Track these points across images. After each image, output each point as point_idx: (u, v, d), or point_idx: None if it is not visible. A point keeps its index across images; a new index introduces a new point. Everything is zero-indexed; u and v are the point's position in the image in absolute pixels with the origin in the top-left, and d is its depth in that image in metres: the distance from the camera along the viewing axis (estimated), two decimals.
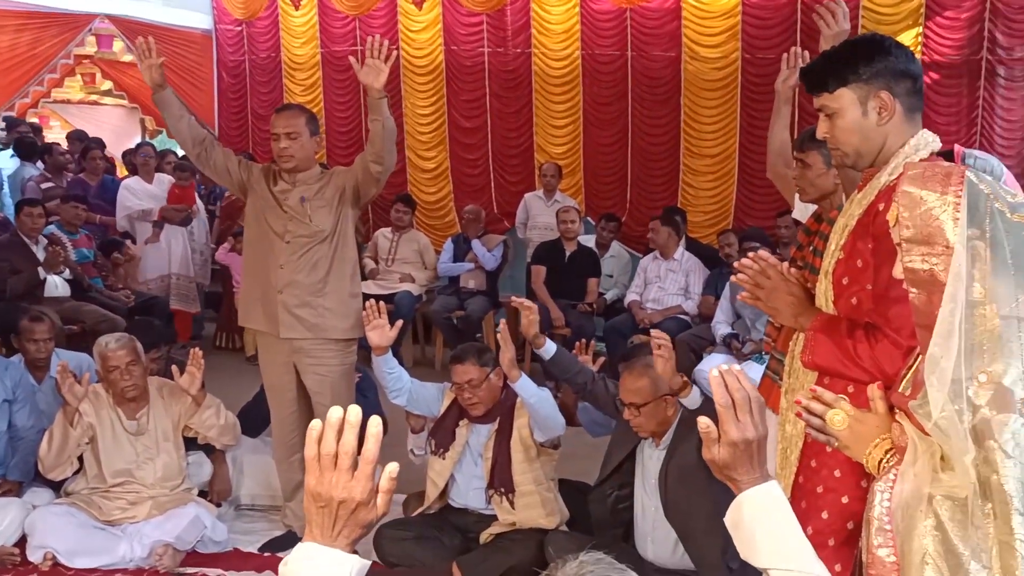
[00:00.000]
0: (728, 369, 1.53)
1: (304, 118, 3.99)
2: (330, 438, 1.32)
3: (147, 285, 7.59)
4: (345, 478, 1.31)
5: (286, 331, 4.02)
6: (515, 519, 3.83)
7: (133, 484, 4.13)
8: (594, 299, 7.06)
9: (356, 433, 1.32)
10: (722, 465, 1.54)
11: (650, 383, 3.47)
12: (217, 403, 4.29)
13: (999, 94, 7.71)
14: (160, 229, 7.73)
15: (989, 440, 1.48)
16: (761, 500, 1.53)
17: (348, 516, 1.33)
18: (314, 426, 1.33)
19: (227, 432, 4.31)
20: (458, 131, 9.31)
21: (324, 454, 1.32)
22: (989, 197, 1.56)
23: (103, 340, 4.14)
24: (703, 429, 1.54)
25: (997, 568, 1.45)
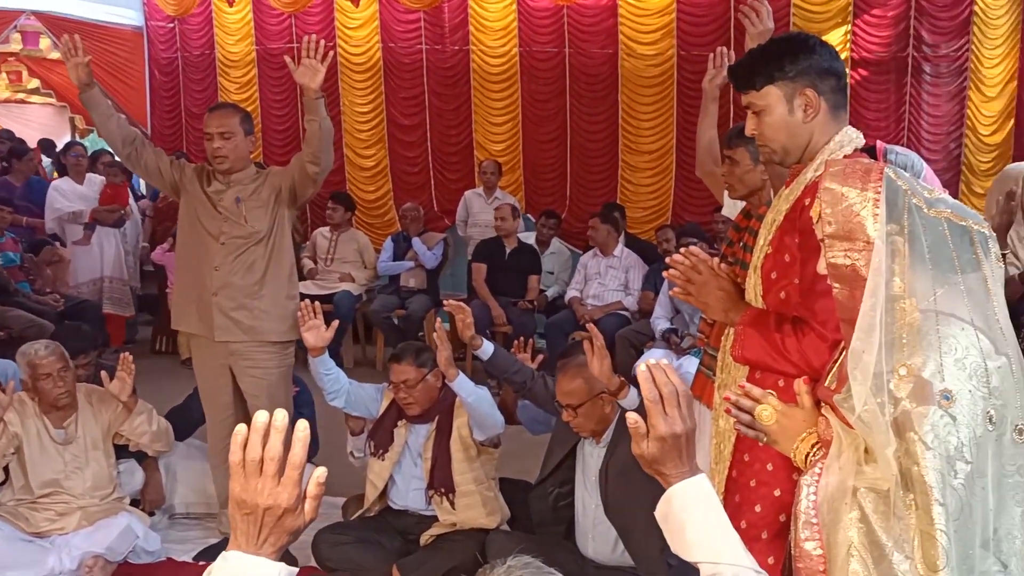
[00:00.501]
0: (656, 363, 1.54)
1: (238, 117, 3.93)
2: (255, 443, 1.29)
3: (79, 289, 7.39)
4: (271, 484, 1.28)
5: (221, 334, 3.96)
6: (455, 519, 3.81)
7: (62, 494, 4.01)
8: (535, 296, 7.08)
9: (282, 438, 1.29)
10: (651, 460, 1.55)
11: (584, 383, 3.47)
12: (149, 409, 4.19)
13: (925, 90, 7.95)
14: (92, 231, 7.54)
15: (910, 432, 1.50)
16: (690, 494, 1.54)
17: (274, 523, 1.30)
18: (239, 431, 1.30)
19: (159, 439, 4.21)
20: (397, 129, 9.26)
21: (249, 460, 1.29)
22: (907, 193, 1.58)
23: (30, 347, 4.01)
24: (631, 424, 1.55)
25: (919, 558, 1.47)
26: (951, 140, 7.96)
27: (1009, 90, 7.74)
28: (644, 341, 6.06)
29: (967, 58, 7.80)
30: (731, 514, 2.31)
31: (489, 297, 6.95)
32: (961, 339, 1.53)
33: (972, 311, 1.55)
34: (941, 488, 1.47)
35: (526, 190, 8.90)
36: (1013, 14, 7.63)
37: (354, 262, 7.66)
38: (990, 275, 1.58)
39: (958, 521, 1.47)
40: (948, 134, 7.95)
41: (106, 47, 9.68)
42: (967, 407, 1.50)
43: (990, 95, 7.79)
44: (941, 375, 1.52)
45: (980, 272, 1.58)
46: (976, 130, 7.86)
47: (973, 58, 7.77)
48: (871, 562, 1.52)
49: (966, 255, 1.57)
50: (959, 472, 1.48)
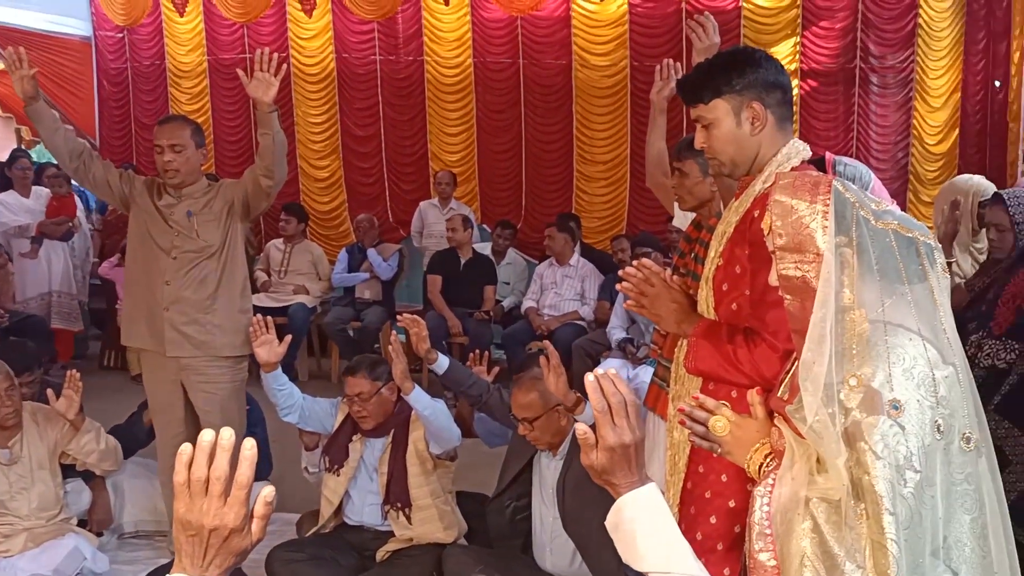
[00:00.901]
0: (604, 373, 1.54)
1: (189, 130, 3.88)
2: (201, 462, 1.26)
3: (27, 304, 7.22)
4: (217, 505, 1.26)
5: (172, 349, 3.91)
6: (412, 534, 3.78)
7: (7, 516, 3.90)
8: (491, 307, 7.07)
9: (228, 457, 1.26)
10: (600, 470, 1.54)
11: (539, 397, 3.47)
12: (97, 427, 4.11)
13: (873, 101, 8.11)
14: (39, 245, 7.39)
15: (860, 442, 1.51)
16: (640, 503, 1.54)
17: (220, 544, 1.27)
18: (184, 450, 1.27)
19: (108, 457, 4.12)
20: (351, 139, 9.21)
21: (194, 479, 1.26)
22: (855, 205, 1.60)
23: None
24: (580, 435, 1.54)
25: (871, 568, 1.48)
26: (898, 149, 8.12)
27: (953, 101, 7.93)
28: (600, 351, 6.07)
29: (912, 69, 7.98)
30: (687, 526, 2.33)
31: (445, 308, 6.93)
32: (909, 349, 1.55)
33: (919, 321, 1.57)
34: (891, 497, 1.48)
35: (481, 201, 8.90)
36: (956, 26, 7.83)
37: (308, 274, 7.60)
38: (936, 285, 1.60)
39: (908, 530, 1.48)
40: (895, 144, 8.12)
41: (54, 58, 9.52)
42: (915, 417, 1.52)
43: (935, 105, 7.98)
44: (890, 385, 1.53)
45: (927, 283, 1.59)
46: (922, 140, 8.03)
47: (918, 69, 7.95)
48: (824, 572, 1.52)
49: (913, 266, 1.59)
50: (908, 481, 1.49)
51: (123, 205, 4.05)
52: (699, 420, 1.89)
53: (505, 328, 7.02)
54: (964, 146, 7.92)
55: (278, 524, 4.48)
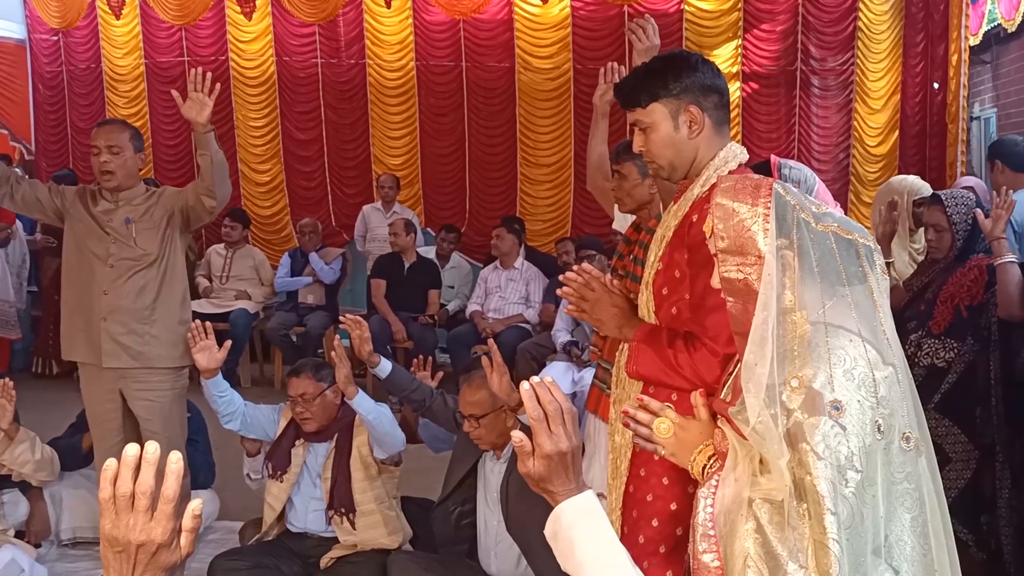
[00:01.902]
0: (540, 381, 1.52)
1: (128, 133, 3.82)
2: (126, 477, 1.23)
3: None
4: (143, 520, 1.23)
5: (109, 360, 3.83)
6: (356, 540, 3.74)
7: None
8: (435, 311, 7.04)
9: (154, 471, 1.24)
10: (538, 478, 1.53)
11: (488, 395, 3.45)
12: (32, 436, 4.03)
13: (814, 103, 8.24)
14: None
15: (802, 443, 1.53)
16: (578, 510, 1.53)
17: (148, 560, 1.24)
18: (108, 466, 1.24)
19: (43, 468, 4.05)
20: (292, 143, 9.12)
21: (119, 495, 1.23)
22: (795, 208, 1.61)
23: None
24: (517, 443, 1.53)
25: (813, 567, 1.49)
26: (840, 151, 8.26)
27: (893, 103, 8.09)
28: (545, 354, 6.08)
29: (852, 71, 8.13)
30: (629, 529, 2.33)
31: (389, 312, 6.89)
32: (850, 350, 1.56)
33: (859, 323, 1.58)
34: (833, 497, 1.49)
35: (425, 204, 8.87)
36: (895, 30, 8.00)
37: (250, 279, 7.50)
38: (876, 287, 1.62)
39: (850, 529, 1.50)
40: (837, 145, 8.26)
41: None
42: (856, 417, 1.53)
43: (875, 107, 8.13)
44: (831, 386, 1.55)
45: (866, 284, 1.61)
46: (863, 141, 8.18)
47: (858, 71, 8.10)
48: (767, 572, 1.53)
49: (853, 268, 1.60)
50: (850, 481, 1.51)
51: (58, 219, 3.95)
52: (643, 422, 1.89)
53: (450, 332, 7.00)
54: (904, 147, 8.09)
55: (220, 532, 4.43)
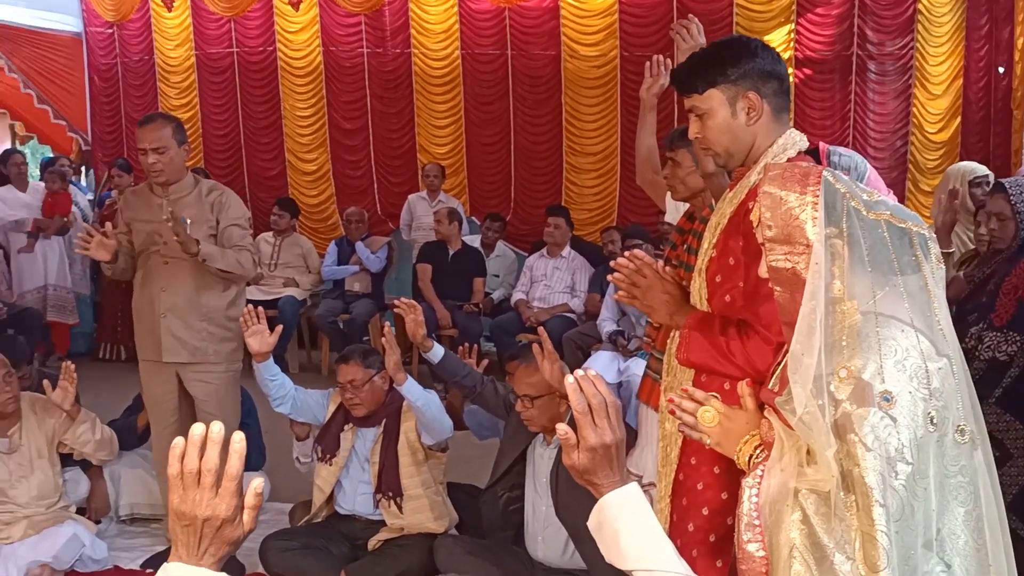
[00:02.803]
0: (584, 375, 1.53)
1: (170, 129, 3.88)
2: (192, 455, 1.30)
3: (23, 297, 7.31)
4: (208, 496, 1.30)
5: (169, 355, 3.97)
6: (403, 524, 3.79)
7: (7, 504, 3.98)
8: (480, 299, 7.06)
9: (219, 450, 1.30)
10: (582, 471, 1.54)
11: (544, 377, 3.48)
12: (92, 417, 4.17)
13: (870, 88, 7.99)
14: (35, 239, 7.44)
15: (850, 434, 1.51)
16: (623, 502, 1.54)
17: (213, 534, 1.31)
18: (176, 444, 1.30)
19: (103, 447, 4.19)
20: (339, 133, 9.18)
21: (187, 472, 1.29)
22: (845, 196, 1.60)
23: None
24: (562, 436, 1.54)
25: (860, 559, 1.49)
26: (897, 138, 8.01)
27: (955, 88, 7.79)
28: (590, 343, 6.08)
29: (912, 56, 7.86)
30: (678, 517, 2.33)
31: (435, 299, 6.93)
32: (901, 341, 1.54)
33: (912, 313, 1.56)
34: (881, 489, 1.48)
35: (470, 193, 8.88)
36: (957, 12, 7.69)
37: (298, 267, 7.60)
38: (930, 276, 1.59)
39: (899, 522, 1.48)
40: (894, 132, 8.02)
41: (46, 54, 9.51)
42: (907, 408, 1.51)
43: (936, 93, 7.85)
44: (881, 377, 1.53)
45: (920, 273, 1.58)
46: (922, 128, 7.91)
47: (918, 56, 7.83)
48: (813, 563, 1.52)
49: (906, 257, 1.58)
50: (900, 473, 1.49)
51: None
52: (688, 411, 1.89)
53: (494, 320, 7.02)
54: (966, 134, 7.79)
55: (271, 513, 4.51)
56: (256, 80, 9.30)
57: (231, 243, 3.92)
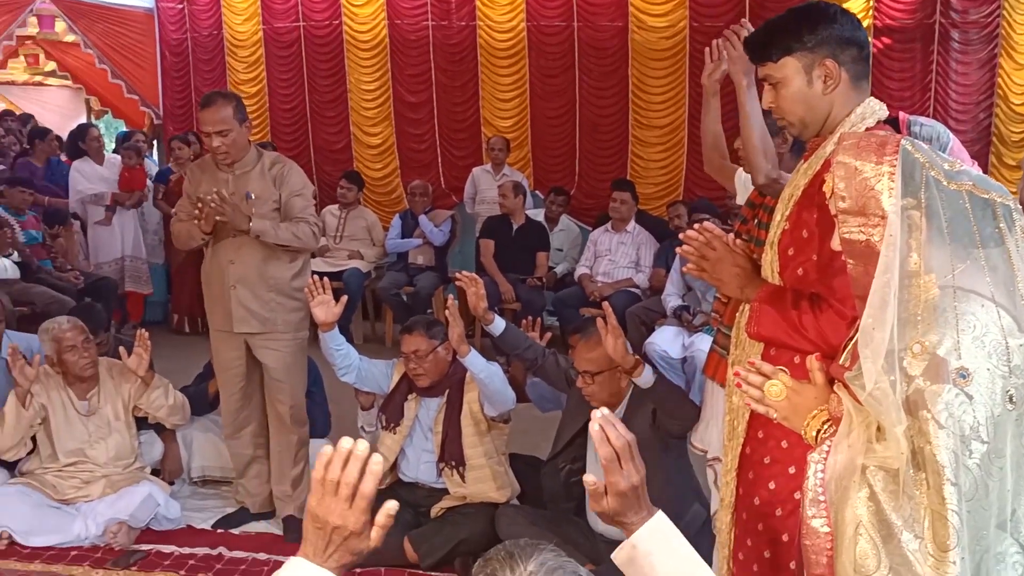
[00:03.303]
0: (604, 417, 1.54)
1: (231, 109, 3.89)
2: (336, 466, 1.38)
3: (100, 268, 7.54)
4: (343, 506, 1.38)
5: (240, 326, 4.04)
6: (466, 492, 3.84)
7: (86, 463, 4.16)
8: (543, 273, 7.05)
9: (360, 466, 1.38)
10: (613, 514, 1.57)
11: (605, 352, 3.47)
12: (165, 384, 4.32)
13: (953, 58, 7.72)
14: (112, 212, 7.66)
15: (923, 411, 1.48)
16: (653, 533, 1.56)
17: (341, 542, 1.39)
18: (325, 451, 1.40)
19: (176, 412, 4.34)
20: (403, 106, 9.21)
21: (328, 479, 1.38)
22: (924, 166, 1.55)
23: (52, 323, 4.18)
24: (590, 487, 1.55)
25: (929, 538, 1.46)
26: (980, 110, 7.74)
27: None
28: (655, 318, 6.03)
29: (998, 24, 7.56)
30: (744, 491, 2.31)
31: (497, 273, 6.94)
32: (981, 316, 1.49)
33: (994, 287, 1.50)
34: (954, 468, 1.44)
35: (534, 167, 8.85)
36: None
37: (363, 240, 7.67)
38: (1015, 250, 1.53)
39: (972, 501, 1.45)
40: (977, 104, 7.74)
41: (119, 29, 9.72)
42: (985, 386, 1.47)
43: (1023, 63, 7.56)
44: (958, 353, 1.49)
45: (1004, 247, 1.52)
46: (1007, 99, 7.63)
47: (1004, 24, 7.53)
48: (880, 541, 1.50)
49: (988, 229, 1.52)
50: (974, 452, 1.45)
51: None
52: (754, 384, 1.86)
53: (557, 294, 7.00)
54: None
55: None
56: (322, 54, 9.38)
57: (292, 214, 3.96)
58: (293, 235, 3.91)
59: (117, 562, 3.85)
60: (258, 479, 4.27)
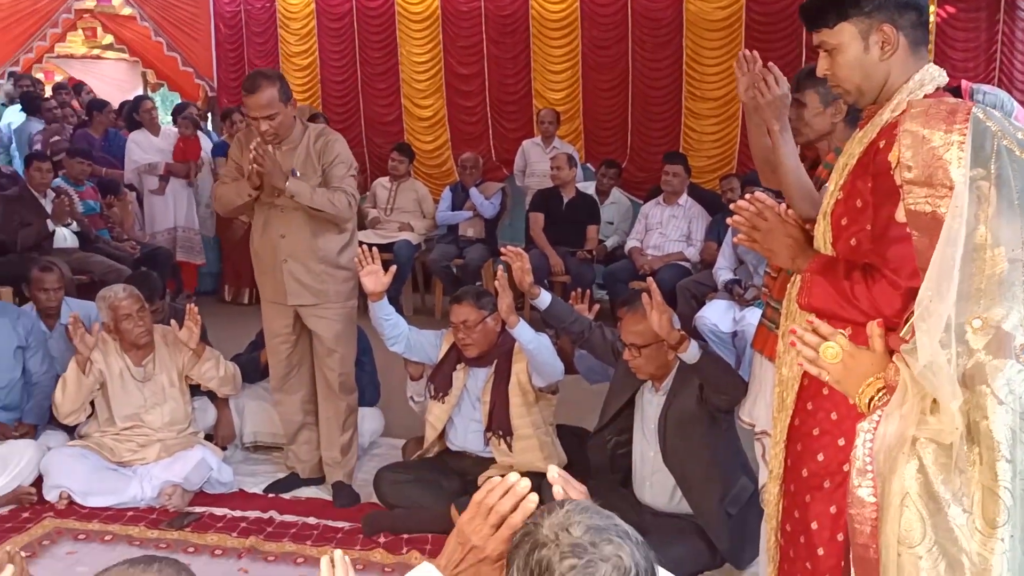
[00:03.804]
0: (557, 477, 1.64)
1: (275, 91, 3.83)
2: (496, 493, 1.48)
3: (154, 237, 7.67)
4: (488, 531, 1.46)
5: (293, 299, 4.08)
6: (512, 462, 3.85)
7: (142, 428, 4.27)
8: (593, 246, 7.02)
9: (516, 501, 1.47)
10: None
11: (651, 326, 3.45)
12: (216, 355, 4.41)
13: (1019, 27, 7.45)
14: (166, 182, 7.78)
15: (982, 385, 1.44)
16: None
17: (474, 562, 1.47)
18: (494, 478, 1.52)
19: (227, 383, 4.43)
20: (455, 78, 9.19)
21: (484, 503, 1.47)
22: (996, 135, 1.50)
23: (109, 292, 4.26)
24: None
25: (978, 513, 1.43)
26: None
27: None
28: (705, 292, 5.98)
29: None
30: (792, 462, 2.29)
31: (547, 246, 6.92)
32: None
33: None
34: (1010, 445, 1.41)
35: (586, 139, 8.79)
36: None
37: (413, 212, 7.70)
38: None
39: None
40: None
41: (174, 2, 9.87)
42: None
43: None
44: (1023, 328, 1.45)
45: None
46: None
47: None
48: (927, 513, 1.47)
49: None
50: None
51: None
52: (810, 344, 1.81)
53: (607, 267, 6.97)
54: None
55: (384, 448, 4.69)
56: (374, 26, 9.38)
57: (331, 183, 3.96)
58: (328, 201, 3.90)
59: (171, 523, 3.95)
60: (308, 445, 4.32)
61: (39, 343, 4.50)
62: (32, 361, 4.43)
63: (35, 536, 3.84)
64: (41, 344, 4.52)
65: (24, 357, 4.42)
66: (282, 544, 3.78)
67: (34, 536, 3.84)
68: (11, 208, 6.35)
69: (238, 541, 3.80)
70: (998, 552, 1.41)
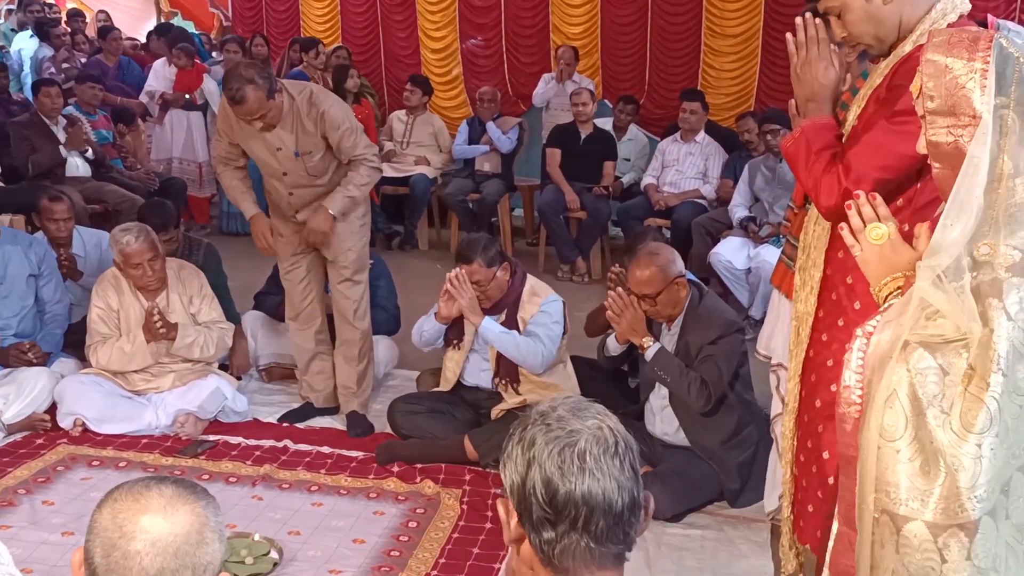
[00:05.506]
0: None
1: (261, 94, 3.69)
2: None
3: (158, 166, 7.62)
4: None
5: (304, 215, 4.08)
6: (525, 397, 3.87)
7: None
8: (610, 182, 6.97)
9: None
10: None
11: (659, 271, 3.46)
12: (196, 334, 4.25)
13: None
14: (164, 112, 7.72)
15: (992, 298, 1.44)
16: None
17: None
18: None
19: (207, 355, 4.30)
20: (470, 10, 9.02)
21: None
22: (1019, 60, 1.47)
23: (120, 236, 4.09)
24: None
25: (955, 415, 1.44)
26: None
27: None
28: (721, 229, 5.94)
29: None
30: (807, 393, 2.31)
31: (563, 182, 6.88)
32: None
33: None
34: (1008, 360, 1.41)
35: (603, 75, 8.65)
36: None
37: (429, 146, 7.65)
38: None
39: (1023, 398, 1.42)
40: None
41: None
42: None
43: None
44: None
45: None
46: None
47: None
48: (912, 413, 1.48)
49: None
50: None
51: None
52: (864, 216, 1.76)
53: (622, 204, 6.93)
54: None
55: (399, 379, 4.71)
56: None
57: (349, 155, 3.96)
58: (359, 187, 3.98)
59: (185, 451, 3.99)
60: (321, 375, 4.35)
61: (51, 271, 4.49)
62: (45, 289, 4.44)
63: (49, 462, 3.87)
64: (53, 272, 4.51)
65: (37, 285, 4.42)
66: (296, 472, 3.82)
67: (48, 462, 3.87)
68: (22, 134, 6.30)
69: (252, 469, 3.82)
70: (971, 456, 1.42)
